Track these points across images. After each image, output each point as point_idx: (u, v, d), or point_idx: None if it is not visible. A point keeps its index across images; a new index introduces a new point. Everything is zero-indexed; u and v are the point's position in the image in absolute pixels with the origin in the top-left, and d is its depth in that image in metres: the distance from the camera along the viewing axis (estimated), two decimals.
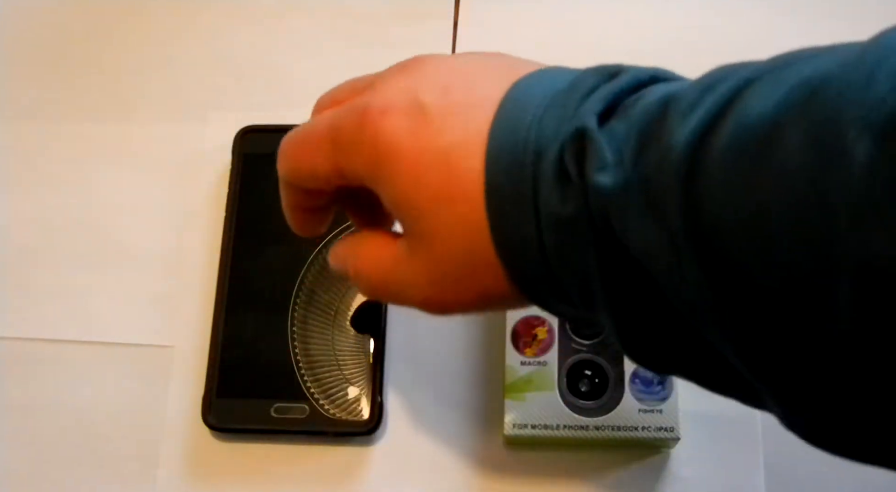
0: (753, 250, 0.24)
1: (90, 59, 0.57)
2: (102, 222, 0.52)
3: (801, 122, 0.23)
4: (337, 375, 0.47)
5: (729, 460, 0.46)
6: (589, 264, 0.28)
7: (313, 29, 0.57)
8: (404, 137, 0.32)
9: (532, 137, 0.29)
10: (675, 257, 0.26)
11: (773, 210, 0.24)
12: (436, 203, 0.31)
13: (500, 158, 0.30)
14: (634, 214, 0.27)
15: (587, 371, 0.45)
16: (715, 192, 0.25)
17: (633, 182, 0.27)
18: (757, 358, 0.26)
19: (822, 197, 0.22)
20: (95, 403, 0.49)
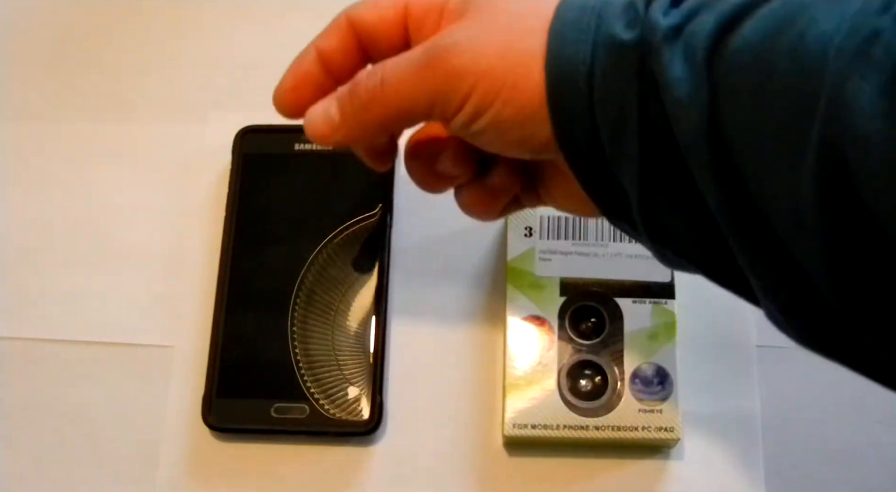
0: (752, 92, 0.27)
1: (90, 59, 0.57)
2: (102, 222, 0.52)
3: (837, 4, 0.26)
4: (337, 375, 0.47)
5: (729, 460, 0.46)
6: (629, 98, 0.30)
7: (313, 29, 0.57)
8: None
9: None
10: (695, 94, 0.28)
11: (780, 63, 0.26)
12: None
13: (572, 3, 0.32)
14: (674, 54, 0.29)
15: (587, 371, 0.46)
16: (741, 44, 0.27)
17: (684, 28, 0.29)
18: (735, 219, 0.29)
19: (825, 53, 0.25)
20: (95, 403, 0.49)
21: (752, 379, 0.47)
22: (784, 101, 0.26)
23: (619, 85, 0.30)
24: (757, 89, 0.27)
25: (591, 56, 0.31)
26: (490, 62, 0.32)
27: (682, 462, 0.46)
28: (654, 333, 0.46)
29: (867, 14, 0.25)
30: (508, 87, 0.32)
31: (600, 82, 0.31)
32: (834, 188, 0.25)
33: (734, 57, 0.28)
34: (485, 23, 0.33)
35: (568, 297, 0.47)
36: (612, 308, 0.46)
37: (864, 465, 0.46)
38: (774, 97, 0.27)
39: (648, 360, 0.45)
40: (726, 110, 0.28)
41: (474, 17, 0.33)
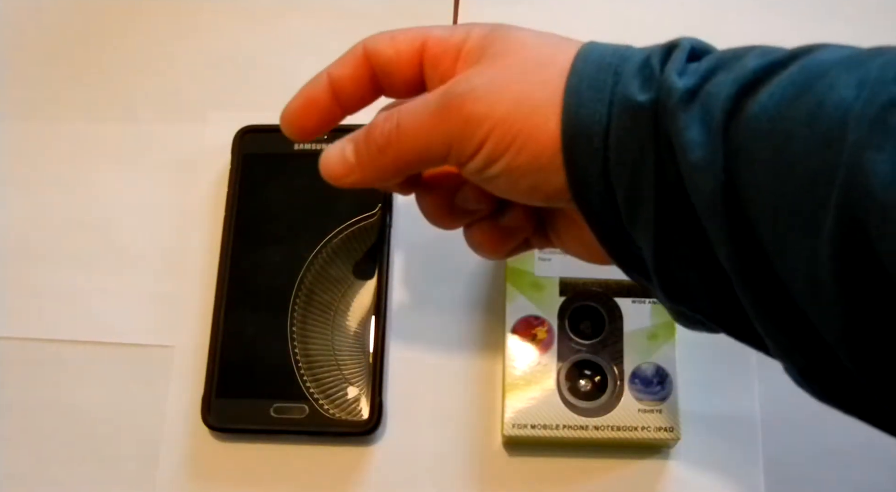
0: (771, 155, 0.27)
1: (90, 59, 0.57)
2: (102, 222, 0.52)
3: (855, 69, 0.26)
4: (336, 375, 0.47)
5: (729, 459, 0.46)
6: (645, 161, 0.30)
7: (313, 29, 0.57)
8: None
9: (619, 52, 0.32)
10: (712, 159, 0.28)
11: (800, 128, 0.26)
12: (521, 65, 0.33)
13: (588, 57, 0.32)
14: (691, 119, 0.29)
15: (587, 371, 0.45)
16: (761, 105, 0.28)
17: (700, 91, 0.29)
18: (748, 277, 0.29)
19: (845, 121, 0.25)
20: (95, 403, 0.49)
21: (752, 379, 0.47)
22: (802, 169, 0.26)
23: (635, 147, 0.30)
24: (775, 156, 0.27)
25: (608, 116, 0.31)
26: (506, 109, 0.32)
27: (681, 462, 0.46)
28: (653, 332, 0.46)
29: (885, 81, 0.25)
30: (524, 135, 0.32)
31: (615, 144, 0.31)
32: (853, 257, 0.25)
33: (752, 122, 0.28)
34: (502, 69, 0.33)
35: (567, 297, 0.47)
36: (612, 308, 0.46)
37: (863, 465, 0.46)
38: (793, 164, 0.27)
39: (648, 360, 0.45)
40: (743, 176, 0.28)
41: (491, 63, 0.34)
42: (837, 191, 0.25)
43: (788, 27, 0.55)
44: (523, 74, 0.33)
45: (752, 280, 0.29)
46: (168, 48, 0.57)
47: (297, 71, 0.55)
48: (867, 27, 0.55)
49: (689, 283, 0.31)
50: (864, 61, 0.27)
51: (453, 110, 0.33)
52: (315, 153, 0.51)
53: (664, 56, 0.31)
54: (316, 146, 0.51)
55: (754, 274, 0.29)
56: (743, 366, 0.48)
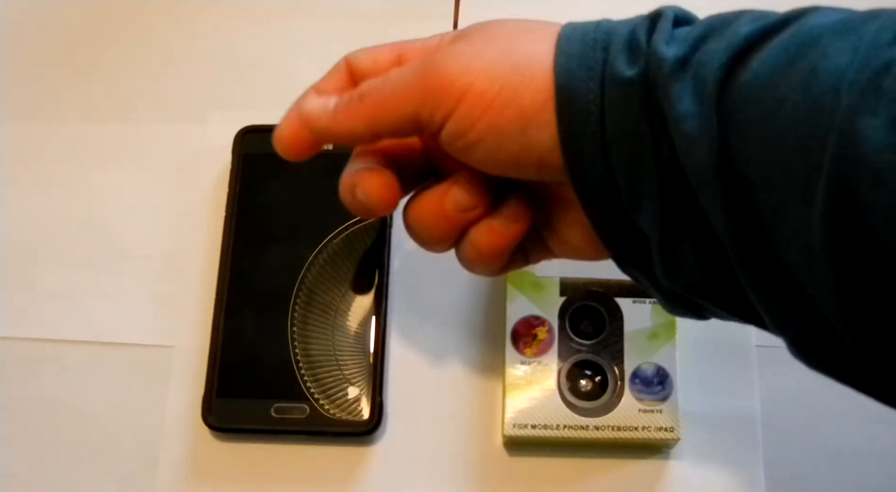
0: (762, 123, 0.27)
1: (90, 59, 0.57)
2: (102, 222, 0.52)
3: (847, 35, 0.26)
4: (337, 375, 0.47)
5: (729, 459, 0.46)
6: (642, 137, 0.30)
7: (313, 29, 0.57)
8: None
9: (602, 26, 0.32)
10: (701, 128, 0.28)
11: (793, 94, 0.26)
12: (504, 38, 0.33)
13: (573, 38, 0.32)
14: (682, 89, 0.29)
15: (587, 371, 0.46)
16: (753, 73, 0.27)
17: (691, 59, 0.29)
18: (743, 248, 0.28)
19: (838, 87, 0.25)
20: (95, 403, 0.49)
21: (752, 379, 0.47)
22: (795, 136, 0.26)
23: (630, 124, 0.30)
24: (768, 124, 0.27)
25: (601, 96, 0.30)
26: (490, 61, 0.32)
27: (681, 462, 0.46)
28: (654, 332, 0.46)
29: (878, 46, 0.25)
30: (510, 89, 0.31)
31: (611, 124, 0.30)
32: (846, 223, 0.25)
33: (744, 90, 0.28)
34: (484, 39, 0.33)
35: (568, 297, 0.47)
36: (612, 308, 0.46)
37: (863, 465, 0.46)
38: (785, 132, 0.26)
39: (648, 360, 0.45)
40: (737, 145, 0.28)
41: (471, 38, 0.33)
42: (830, 157, 0.25)
43: None
44: (508, 38, 0.33)
45: (747, 250, 0.29)
46: (168, 48, 0.57)
47: (297, 71, 0.56)
48: None
49: (688, 258, 0.31)
50: (858, 26, 0.26)
51: (435, 68, 0.33)
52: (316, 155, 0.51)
53: (650, 27, 0.31)
54: None
55: (750, 244, 0.28)
56: (743, 366, 0.48)
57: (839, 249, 0.25)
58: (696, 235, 0.30)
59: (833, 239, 0.25)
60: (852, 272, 0.25)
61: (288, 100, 0.54)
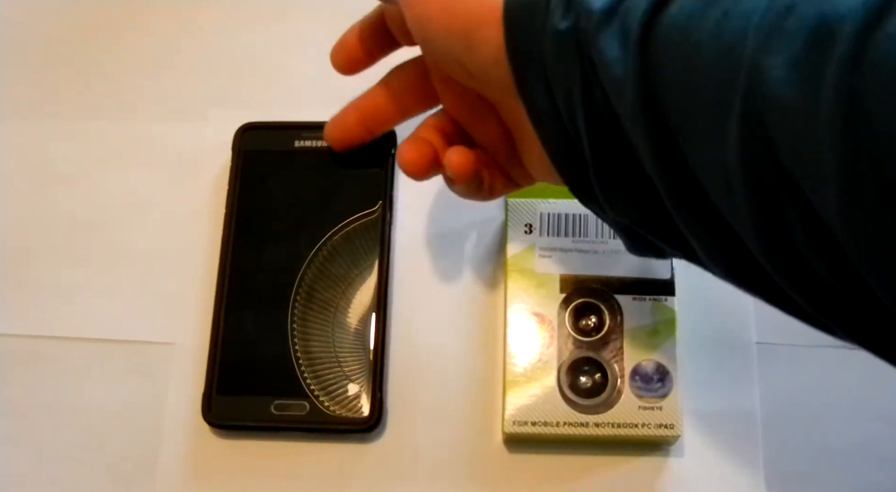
0: (680, 71, 0.28)
1: (90, 57, 0.57)
2: (102, 220, 0.52)
3: None
4: (337, 372, 0.47)
5: (729, 456, 0.46)
6: (574, 83, 0.32)
7: (313, 28, 0.57)
8: None
9: None
10: (631, 74, 0.30)
11: (707, 39, 0.27)
12: None
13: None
14: (610, 37, 0.30)
15: (587, 368, 0.46)
16: (671, 22, 0.29)
17: (618, 9, 0.30)
18: (672, 185, 0.30)
19: (745, 31, 0.26)
20: (95, 400, 0.49)
21: (752, 376, 0.47)
22: (709, 78, 0.27)
23: (564, 72, 0.32)
24: (685, 67, 0.28)
25: (541, 48, 0.33)
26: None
27: (682, 459, 0.46)
28: (654, 330, 0.46)
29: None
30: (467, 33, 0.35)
31: (550, 72, 0.33)
32: (757, 159, 0.26)
33: (664, 35, 0.29)
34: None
35: (568, 294, 0.47)
36: (612, 305, 0.46)
37: (863, 462, 0.46)
38: (700, 74, 0.28)
39: (649, 357, 0.45)
40: (659, 87, 0.29)
41: None
42: (740, 96, 0.26)
43: None
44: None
45: (675, 188, 0.30)
46: (168, 46, 0.57)
47: (297, 69, 0.56)
48: None
49: (622, 192, 0.33)
50: None
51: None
52: (315, 150, 0.51)
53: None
54: (316, 144, 0.51)
55: (676, 181, 0.30)
56: (743, 363, 0.48)
57: (754, 184, 0.27)
58: (627, 171, 0.32)
59: (748, 175, 0.27)
60: (766, 206, 0.27)
61: (288, 98, 0.55)
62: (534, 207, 0.48)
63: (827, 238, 0.25)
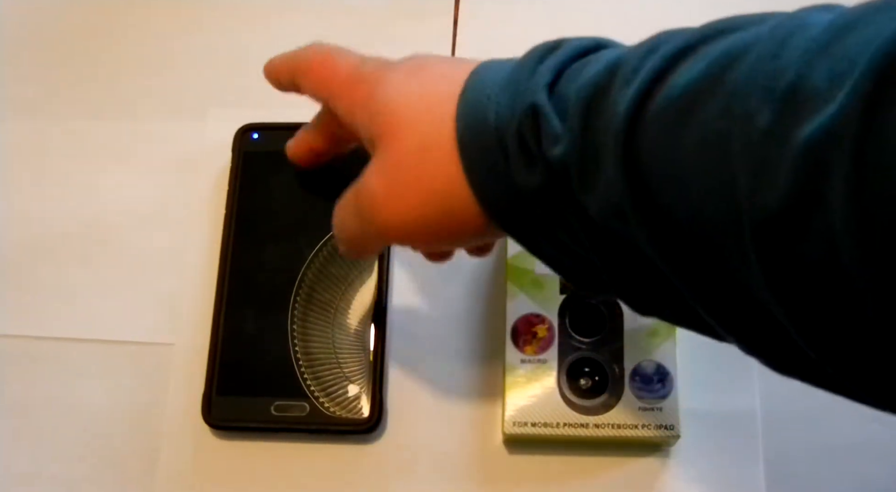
0: (678, 202, 0.27)
1: (90, 57, 0.57)
2: (103, 220, 0.52)
3: (717, 91, 0.26)
4: (337, 372, 0.47)
5: (729, 457, 0.46)
6: (571, 221, 0.31)
7: (313, 27, 0.57)
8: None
9: (492, 117, 0.32)
10: (623, 214, 0.29)
11: (692, 169, 0.26)
12: (411, 120, 0.35)
13: (467, 135, 0.33)
14: (587, 177, 0.30)
15: (587, 369, 0.45)
16: (649, 153, 0.28)
17: (585, 149, 0.29)
18: (699, 297, 0.29)
19: (728, 159, 0.25)
20: (96, 400, 0.49)
21: (752, 377, 0.47)
22: (707, 218, 0.27)
23: (557, 218, 0.32)
24: (678, 204, 0.27)
25: (513, 201, 0.32)
26: (415, 216, 0.35)
27: (681, 460, 0.46)
28: (654, 330, 0.46)
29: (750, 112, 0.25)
30: (452, 225, 0.35)
31: (540, 223, 0.33)
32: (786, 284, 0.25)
33: (649, 173, 0.28)
34: (393, 168, 0.35)
35: (568, 294, 0.47)
36: (612, 306, 0.46)
37: (863, 462, 0.46)
38: (698, 212, 0.27)
39: (648, 357, 0.45)
40: (661, 224, 0.28)
41: (382, 157, 0.36)
42: (748, 238, 0.25)
43: None
44: (414, 167, 0.34)
45: (702, 295, 0.29)
46: (168, 46, 0.57)
47: None
48: None
49: (650, 300, 0.33)
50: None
51: (367, 218, 0.36)
52: None
53: (533, 126, 0.31)
54: None
55: (703, 290, 0.29)
56: (743, 364, 0.47)
57: (790, 302, 0.26)
58: (645, 280, 0.32)
59: (781, 299, 0.26)
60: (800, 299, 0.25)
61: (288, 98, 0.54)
62: None
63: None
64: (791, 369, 0.30)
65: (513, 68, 0.33)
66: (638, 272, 0.31)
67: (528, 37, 0.56)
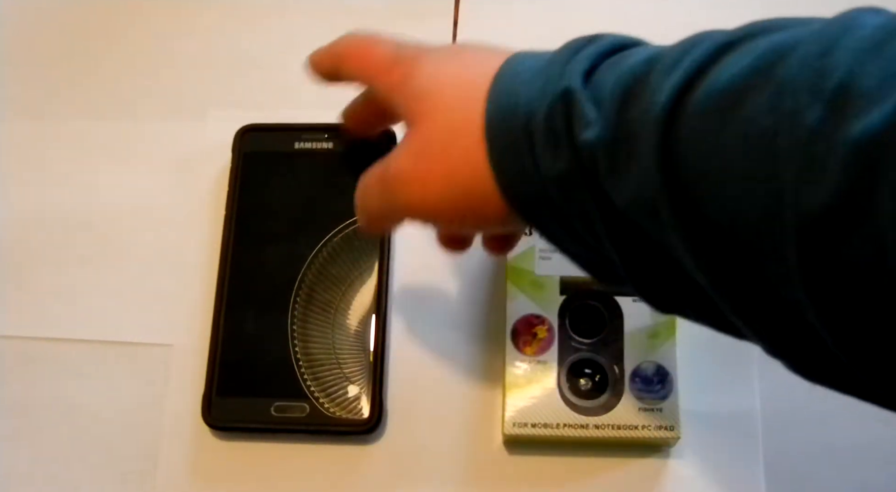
0: (714, 197, 0.27)
1: (91, 58, 0.57)
2: (102, 220, 0.52)
3: (764, 86, 0.25)
4: (337, 373, 0.47)
5: (729, 458, 0.46)
6: (590, 211, 0.31)
7: (313, 27, 0.57)
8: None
9: (522, 101, 0.32)
10: (653, 207, 0.28)
11: (733, 163, 0.26)
12: (443, 106, 0.35)
13: (495, 119, 0.33)
14: (618, 166, 0.29)
15: (587, 370, 0.45)
16: (687, 145, 0.27)
17: (619, 136, 0.29)
18: (726, 296, 0.28)
19: (775, 155, 0.25)
20: (95, 401, 0.49)
21: (753, 377, 0.47)
22: (749, 210, 0.26)
23: (576, 207, 0.32)
24: (717, 194, 0.27)
25: (545, 193, 0.32)
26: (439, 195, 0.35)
27: (682, 461, 0.46)
28: (654, 331, 0.46)
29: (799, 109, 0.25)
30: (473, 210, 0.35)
31: (557, 200, 0.32)
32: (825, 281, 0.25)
33: (685, 164, 0.28)
34: (422, 147, 0.36)
35: (568, 295, 0.47)
36: (612, 307, 0.46)
37: (863, 463, 0.46)
38: (738, 203, 0.27)
39: (648, 358, 0.45)
40: (694, 215, 0.28)
41: (413, 136, 0.36)
42: (791, 233, 0.25)
43: None
44: (442, 148, 0.35)
45: (726, 292, 0.29)
46: (168, 47, 0.57)
47: (297, 70, 0.55)
48: None
49: (670, 296, 0.32)
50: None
51: (391, 197, 0.37)
52: (315, 152, 0.51)
53: (566, 110, 0.31)
54: (316, 146, 0.51)
55: (729, 288, 0.29)
56: (743, 365, 0.48)
57: (823, 302, 0.25)
58: (667, 278, 0.31)
59: (814, 296, 0.25)
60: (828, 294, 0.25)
61: (288, 99, 0.55)
62: None
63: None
64: (818, 374, 0.29)
65: (549, 58, 0.33)
66: (659, 269, 0.31)
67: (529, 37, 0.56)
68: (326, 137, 0.51)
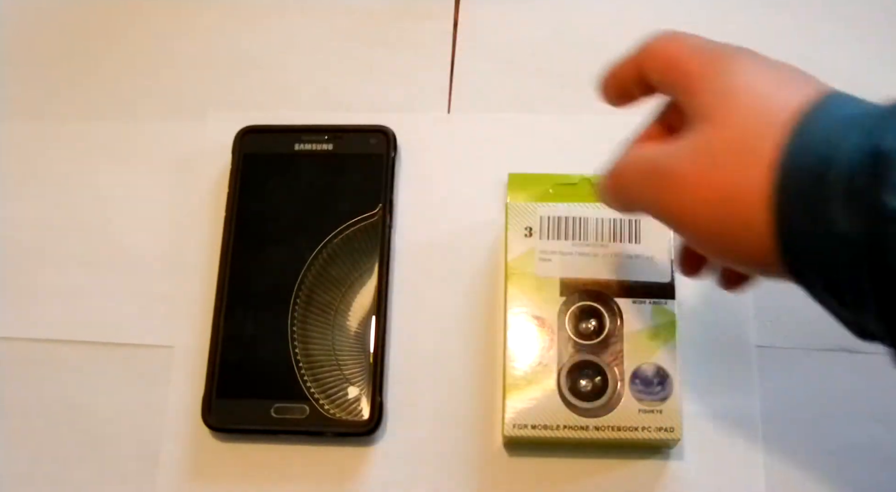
0: None
1: (91, 58, 0.57)
2: (102, 222, 0.52)
3: None
4: (337, 375, 0.47)
5: (729, 460, 0.46)
6: (862, 281, 0.29)
7: (313, 29, 0.57)
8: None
9: (826, 150, 0.29)
10: None
11: None
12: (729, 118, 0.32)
13: (792, 159, 0.30)
14: None
15: (587, 371, 0.45)
16: None
17: None
18: None
19: None
20: (95, 403, 0.49)
21: (752, 379, 0.47)
22: None
23: (854, 283, 0.29)
24: None
25: (820, 248, 0.30)
26: (706, 214, 0.32)
27: (682, 462, 0.46)
28: (654, 333, 0.46)
29: None
30: (730, 239, 0.32)
31: (834, 275, 0.30)
32: None
33: None
34: (704, 149, 0.33)
35: (568, 297, 0.47)
36: (612, 308, 0.46)
37: (863, 465, 0.46)
38: None
39: (648, 360, 0.45)
40: None
41: (696, 136, 0.33)
42: None
43: (792, 27, 0.55)
44: (721, 162, 0.32)
45: None
46: (168, 47, 0.57)
47: (297, 70, 0.56)
48: (868, 27, 0.55)
49: None
50: None
51: (649, 192, 0.35)
52: (315, 153, 0.51)
53: (874, 171, 0.28)
54: (316, 147, 0.51)
55: None
56: (743, 366, 0.48)
57: None
58: None
59: None
60: None
61: (288, 100, 0.55)
62: (534, 210, 0.48)
63: None
64: None
65: (869, 108, 0.31)
66: None
67: (528, 38, 0.56)
68: (326, 138, 0.51)
